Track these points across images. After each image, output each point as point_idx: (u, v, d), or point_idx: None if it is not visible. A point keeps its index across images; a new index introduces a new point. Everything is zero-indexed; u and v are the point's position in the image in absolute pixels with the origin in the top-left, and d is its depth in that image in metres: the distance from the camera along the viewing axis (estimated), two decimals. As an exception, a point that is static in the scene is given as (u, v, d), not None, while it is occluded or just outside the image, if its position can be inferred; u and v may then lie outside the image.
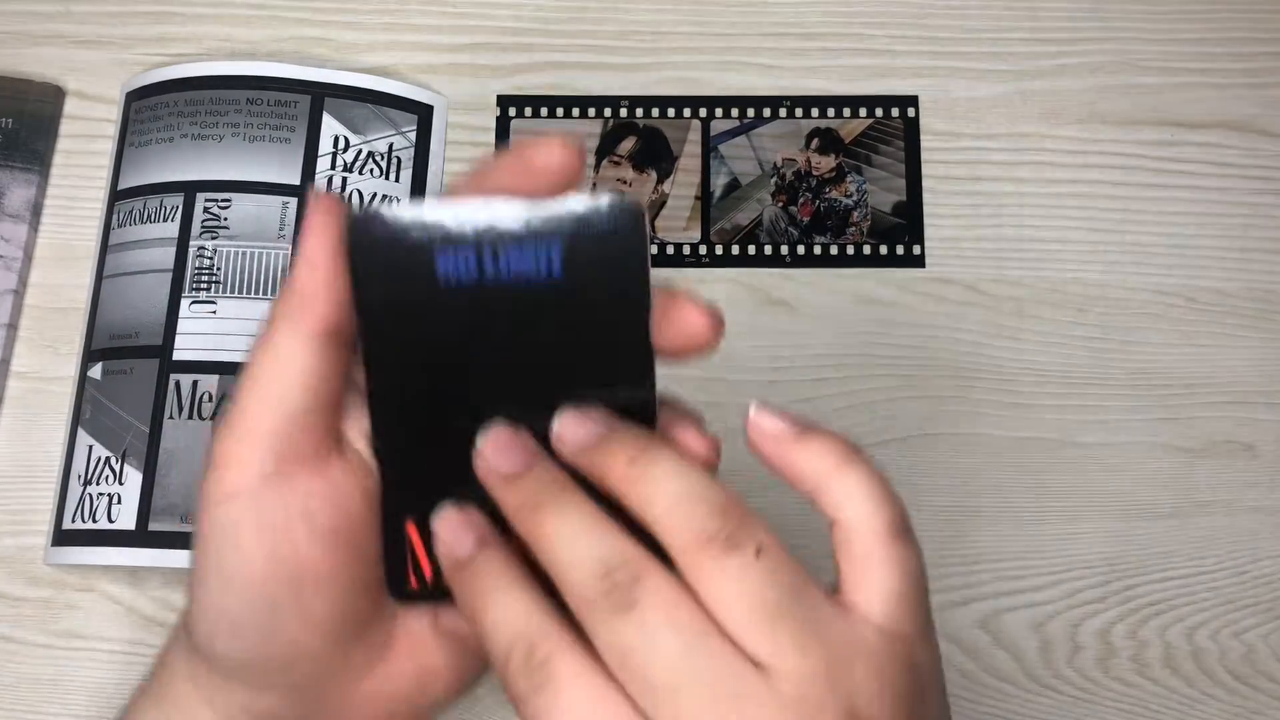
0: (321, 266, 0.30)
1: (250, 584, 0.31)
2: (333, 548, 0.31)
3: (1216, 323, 0.55)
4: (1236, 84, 0.58)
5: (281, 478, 0.31)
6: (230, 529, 0.31)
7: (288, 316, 0.31)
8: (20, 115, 0.58)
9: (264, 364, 0.31)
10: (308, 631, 0.32)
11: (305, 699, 0.33)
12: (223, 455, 0.31)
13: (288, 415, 0.31)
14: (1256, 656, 0.50)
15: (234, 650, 0.32)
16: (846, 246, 0.56)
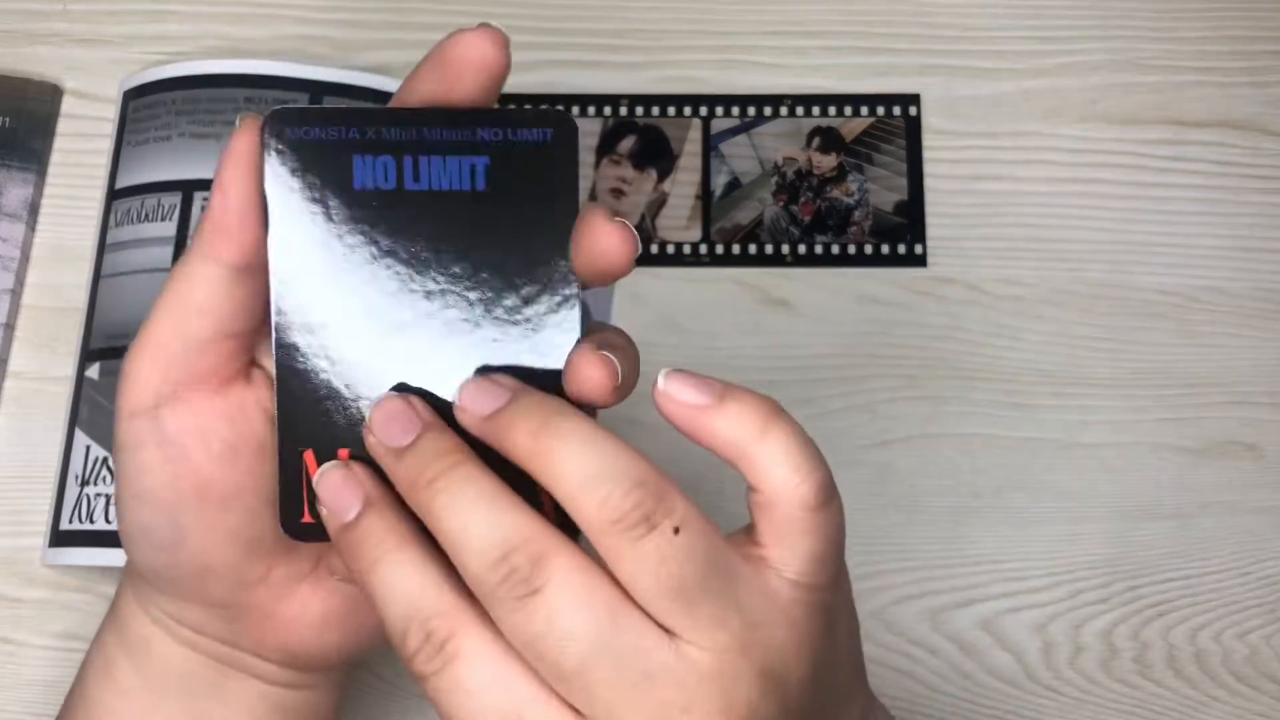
0: (236, 196, 0.30)
1: (156, 499, 0.32)
2: (232, 466, 0.32)
3: (1219, 322, 0.54)
4: (1239, 83, 0.58)
5: (179, 400, 0.31)
6: (135, 445, 0.32)
7: (201, 244, 0.31)
8: (17, 114, 0.57)
9: (174, 288, 0.31)
10: (216, 546, 0.32)
11: (228, 612, 0.34)
12: (128, 373, 0.32)
13: (188, 341, 0.31)
14: (1260, 658, 0.50)
15: (150, 561, 0.33)
16: (848, 246, 0.56)
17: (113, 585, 0.52)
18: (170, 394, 0.31)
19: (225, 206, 0.30)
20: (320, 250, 0.30)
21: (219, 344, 0.31)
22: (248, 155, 0.30)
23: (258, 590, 0.34)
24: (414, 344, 0.30)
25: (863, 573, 0.52)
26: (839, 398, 0.54)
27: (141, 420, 0.32)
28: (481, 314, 0.30)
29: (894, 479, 0.53)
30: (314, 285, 0.30)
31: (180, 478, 0.32)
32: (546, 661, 0.27)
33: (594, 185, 0.57)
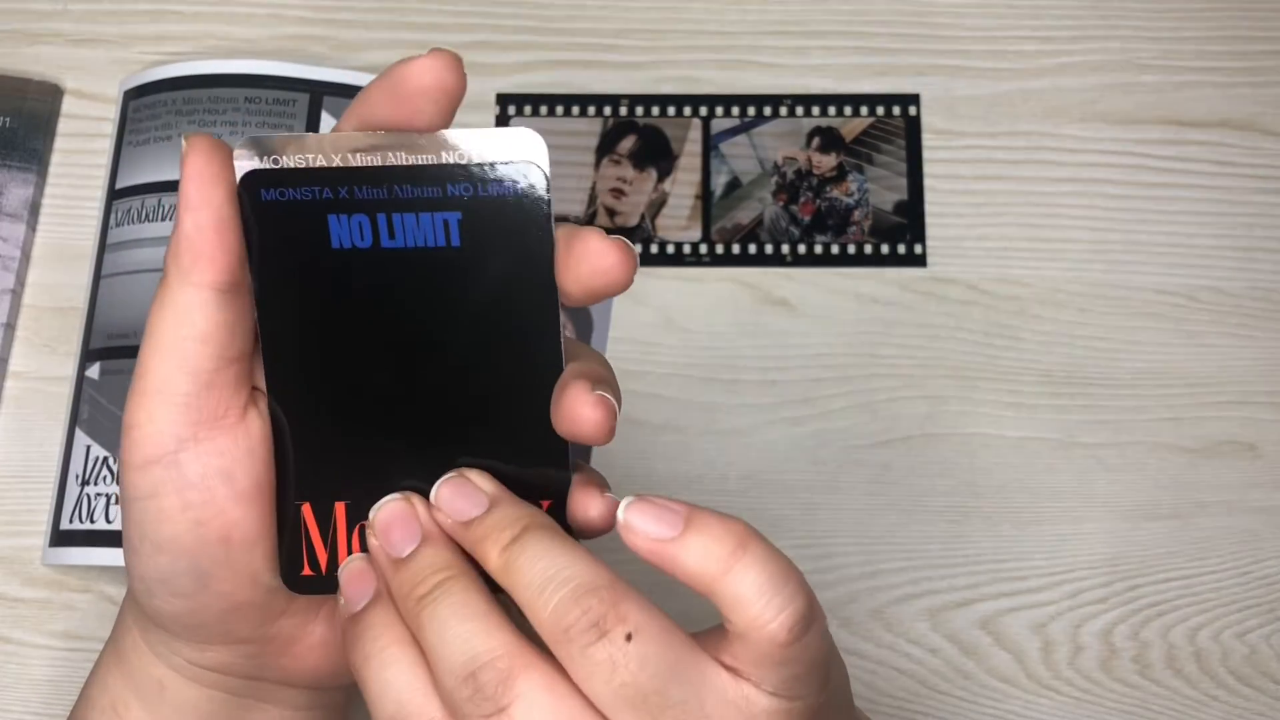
0: (207, 214, 0.29)
1: (178, 548, 0.31)
2: (257, 504, 0.31)
3: (1219, 322, 0.54)
4: (1238, 83, 0.58)
5: (197, 441, 0.30)
6: (152, 496, 0.30)
7: (181, 271, 0.29)
8: (18, 114, 0.57)
9: (164, 323, 0.30)
10: (242, 588, 0.32)
11: (252, 648, 0.33)
12: (136, 421, 0.30)
13: (195, 376, 0.30)
14: (1259, 658, 0.50)
15: (170, 610, 0.32)
16: (848, 246, 0.56)
17: (113, 585, 0.52)
18: (191, 435, 0.30)
19: (199, 225, 0.29)
20: (303, 308, 0.30)
21: (224, 372, 0.30)
22: (207, 171, 0.29)
23: (282, 622, 0.33)
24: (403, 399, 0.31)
25: (862, 572, 0.52)
26: (839, 397, 0.54)
27: (159, 468, 0.30)
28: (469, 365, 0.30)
29: (894, 479, 0.53)
30: (300, 344, 0.31)
31: (204, 523, 0.31)
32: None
33: (594, 185, 0.57)
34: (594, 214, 0.56)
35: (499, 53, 0.59)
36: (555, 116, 0.58)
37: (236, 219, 0.29)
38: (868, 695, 0.50)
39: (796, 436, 0.53)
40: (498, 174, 0.29)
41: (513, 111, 0.58)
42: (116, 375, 0.51)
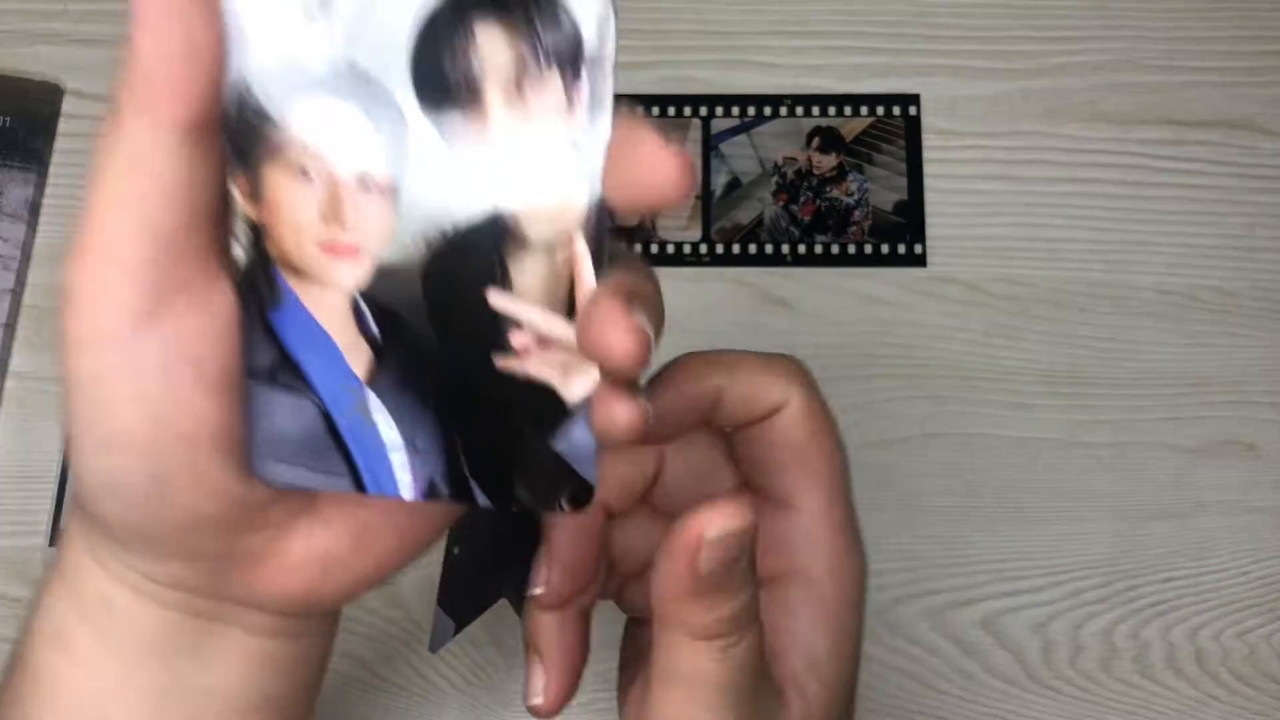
0: (176, 40, 0.23)
1: (131, 448, 0.25)
2: (228, 396, 0.25)
3: (1219, 322, 0.54)
4: (1239, 83, 0.58)
5: (157, 317, 0.24)
6: (101, 382, 0.25)
7: (138, 106, 0.24)
8: (19, 114, 0.57)
9: (117, 170, 0.24)
10: (208, 498, 0.26)
11: (215, 565, 0.28)
12: (83, 288, 0.24)
13: (159, 236, 0.24)
14: (1259, 657, 0.50)
15: (123, 519, 0.27)
16: (848, 246, 0.56)
17: (113, 585, 0.52)
18: (151, 310, 0.24)
19: (160, 52, 0.23)
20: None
21: (193, 232, 0.24)
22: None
23: (251, 536, 0.28)
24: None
25: (863, 572, 0.52)
26: (839, 397, 0.53)
27: (108, 349, 0.24)
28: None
29: (894, 479, 0.53)
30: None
31: (165, 418, 0.25)
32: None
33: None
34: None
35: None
36: (555, 116, 0.58)
37: (213, 44, 0.23)
38: (868, 695, 0.50)
39: (797, 436, 0.53)
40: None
41: (513, 111, 0.58)
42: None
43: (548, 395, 0.25)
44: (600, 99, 0.23)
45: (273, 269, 0.25)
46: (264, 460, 0.27)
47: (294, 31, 0.23)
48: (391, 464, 0.27)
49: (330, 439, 0.27)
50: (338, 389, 0.26)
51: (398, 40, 0.23)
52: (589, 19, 0.23)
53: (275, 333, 0.26)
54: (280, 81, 0.24)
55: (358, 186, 0.24)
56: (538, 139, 0.24)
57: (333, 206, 0.25)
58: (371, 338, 0.26)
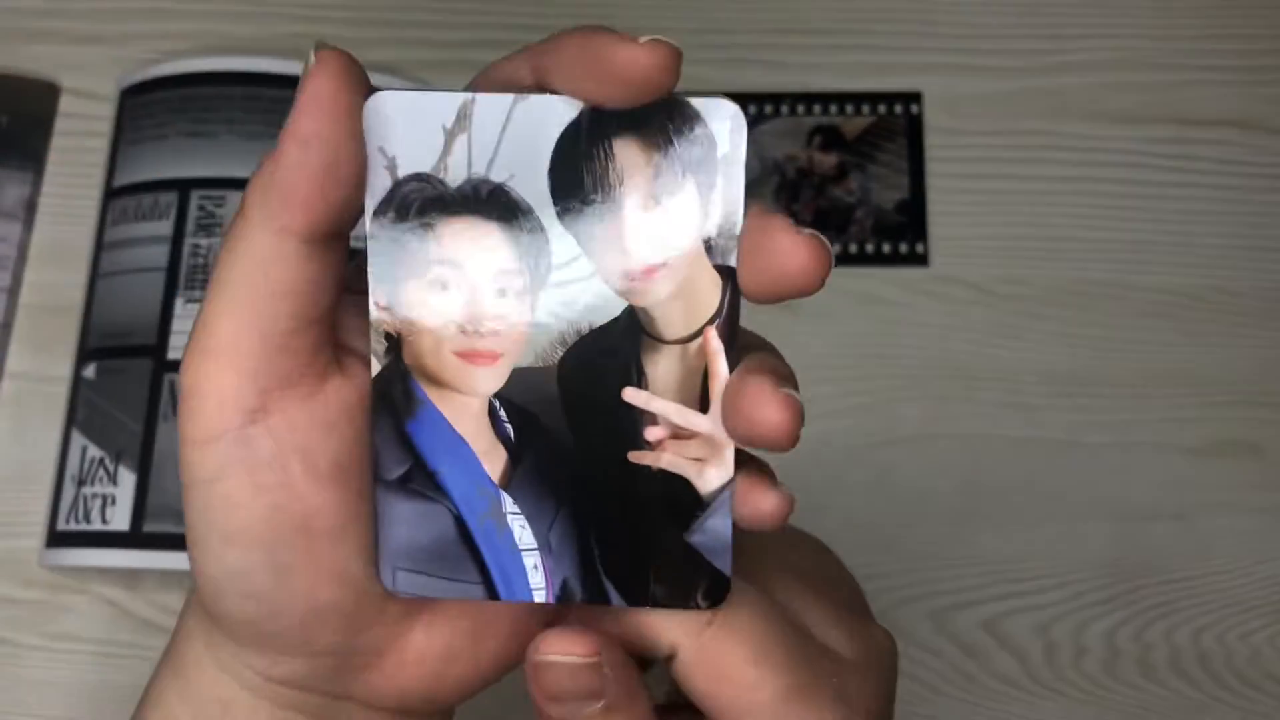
0: (319, 155, 0.24)
1: (250, 539, 0.26)
2: (342, 486, 0.26)
3: (1223, 322, 0.54)
4: (1243, 81, 0.58)
5: (267, 413, 0.25)
6: (217, 478, 0.26)
7: (267, 212, 0.25)
8: (15, 112, 0.57)
9: (237, 271, 0.25)
10: (326, 585, 0.27)
11: (335, 661, 0.28)
12: (196, 387, 0.26)
13: (271, 336, 0.25)
14: (1263, 659, 0.50)
15: (243, 612, 0.27)
16: (849, 245, 0.55)
17: (111, 586, 0.51)
18: (260, 406, 0.25)
19: (304, 164, 0.24)
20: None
21: (303, 334, 0.25)
22: (331, 100, 0.24)
23: (372, 631, 0.28)
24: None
25: (865, 574, 0.51)
26: (840, 397, 0.53)
27: (224, 445, 0.26)
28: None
29: (895, 479, 0.52)
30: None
31: (281, 509, 0.26)
32: None
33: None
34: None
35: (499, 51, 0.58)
36: (555, 115, 0.57)
37: (353, 162, 0.24)
38: (869, 697, 0.50)
39: (798, 437, 0.52)
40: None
41: (512, 110, 0.58)
42: (113, 375, 0.51)
43: (683, 488, 0.26)
44: (733, 197, 0.25)
45: (410, 380, 0.26)
46: (394, 571, 0.27)
47: (435, 150, 0.25)
48: (525, 567, 0.27)
49: (463, 545, 0.27)
50: (473, 494, 0.27)
51: (538, 157, 0.25)
52: (722, 128, 0.25)
53: (411, 442, 0.27)
54: (423, 196, 0.25)
55: (496, 295, 0.25)
56: (673, 242, 0.25)
57: (472, 316, 0.26)
58: (507, 440, 0.27)
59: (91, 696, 0.50)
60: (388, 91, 0.25)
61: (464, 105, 0.25)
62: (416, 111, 0.25)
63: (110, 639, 0.51)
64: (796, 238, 0.24)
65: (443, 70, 0.58)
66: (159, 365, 0.51)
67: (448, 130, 0.25)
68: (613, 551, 0.27)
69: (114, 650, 0.51)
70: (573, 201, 0.25)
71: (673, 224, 0.25)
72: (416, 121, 0.25)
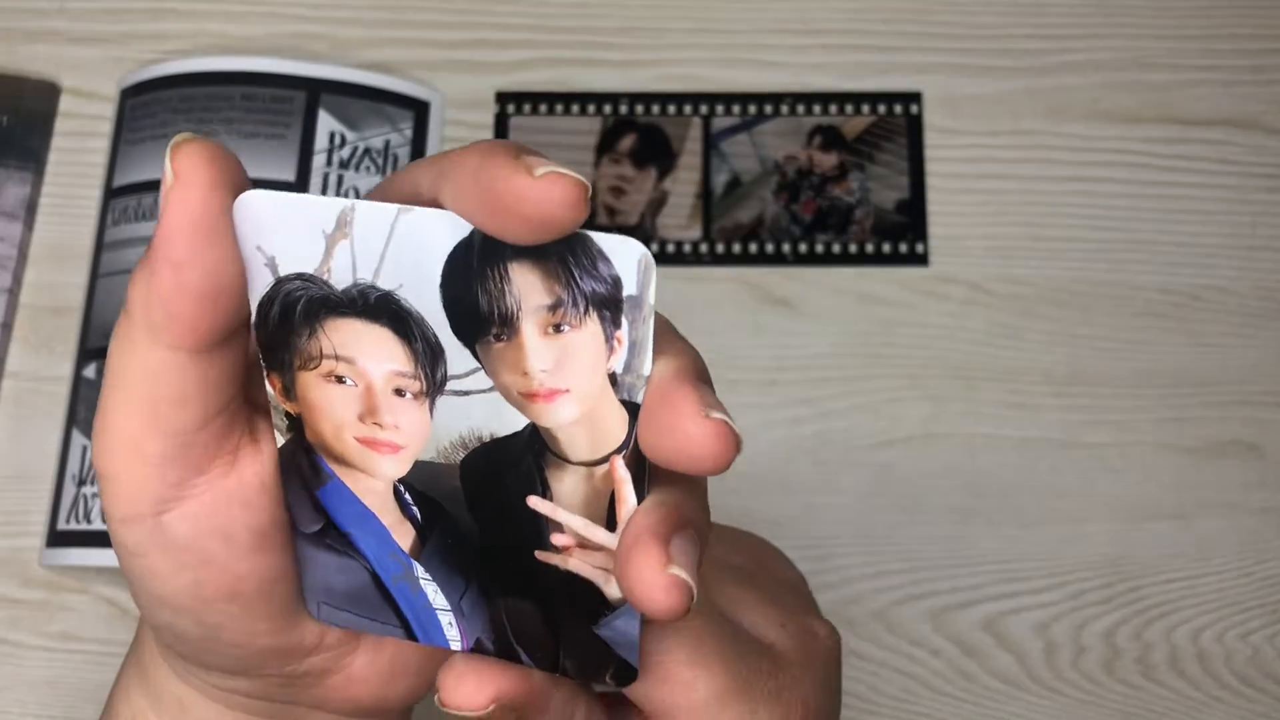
0: (197, 278, 0.23)
1: (178, 605, 0.27)
2: (266, 553, 0.27)
3: (1222, 322, 0.54)
4: (1242, 81, 0.57)
5: (180, 501, 0.25)
6: (141, 556, 0.26)
7: (153, 328, 0.24)
8: (15, 112, 0.57)
9: (133, 377, 0.24)
10: (260, 636, 0.28)
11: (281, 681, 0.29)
12: (109, 474, 0.25)
13: (172, 435, 0.25)
14: (1262, 658, 0.50)
15: (185, 651, 0.29)
16: (849, 245, 0.55)
17: (110, 586, 0.51)
18: (172, 496, 0.25)
19: (182, 286, 0.23)
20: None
21: (207, 428, 0.25)
22: (201, 214, 0.23)
23: (314, 659, 0.29)
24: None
25: (864, 574, 0.52)
26: (840, 397, 0.53)
27: (141, 529, 0.26)
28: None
29: (895, 479, 0.52)
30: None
31: (204, 584, 0.26)
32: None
33: (594, 184, 0.56)
34: (594, 213, 0.56)
35: (498, 51, 0.59)
36: (555, 115, 0.57)
37: (236, 271, 0.23)
38: (869, 696, 0.50)
39: (797, 436, 0.52)
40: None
41: (512, 110, 0.57)
42: (114, 375, 0.51)
43: (589, 588, 0.26)
44: (640, 341, 0.23)
45: (315, 455, 0.26)
46: (319, 604, 0.28)
47: (316, 253, 0.24)
48: (440, 623, 0.28)
49: (380, 596, 0.28)
50: (385, 558, 0.27)
51: (428, 270, 0.23)
52: (628, 269, 0.23)
53: (322, 506, 0.27)
54: (307, 296, 0.24)
55: (392, 394, 0.25)
56: (575, 372, 0.24)
57: (370, 409, 0.25)
58: (414, 520, 0.27)
59: (92, 696, 0.50)
60: (258, 192, 0.23)
61: (344, 212, 0.23)
62: (293, 214, 0.23)
63: (111, 639, 0.51)
64: (702, 424, 0.22)
65: (443, 70, 0.58)
66: (159, 365, 0.51)
67: (328, 235, 0.23)
68: (523, 626, 0.27)
69: (114, 650, 0.51)
70: (466, 320, 0.24)
71: (574, 355, 0.24)
72: (293, 224, 0.23)
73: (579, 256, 0.23)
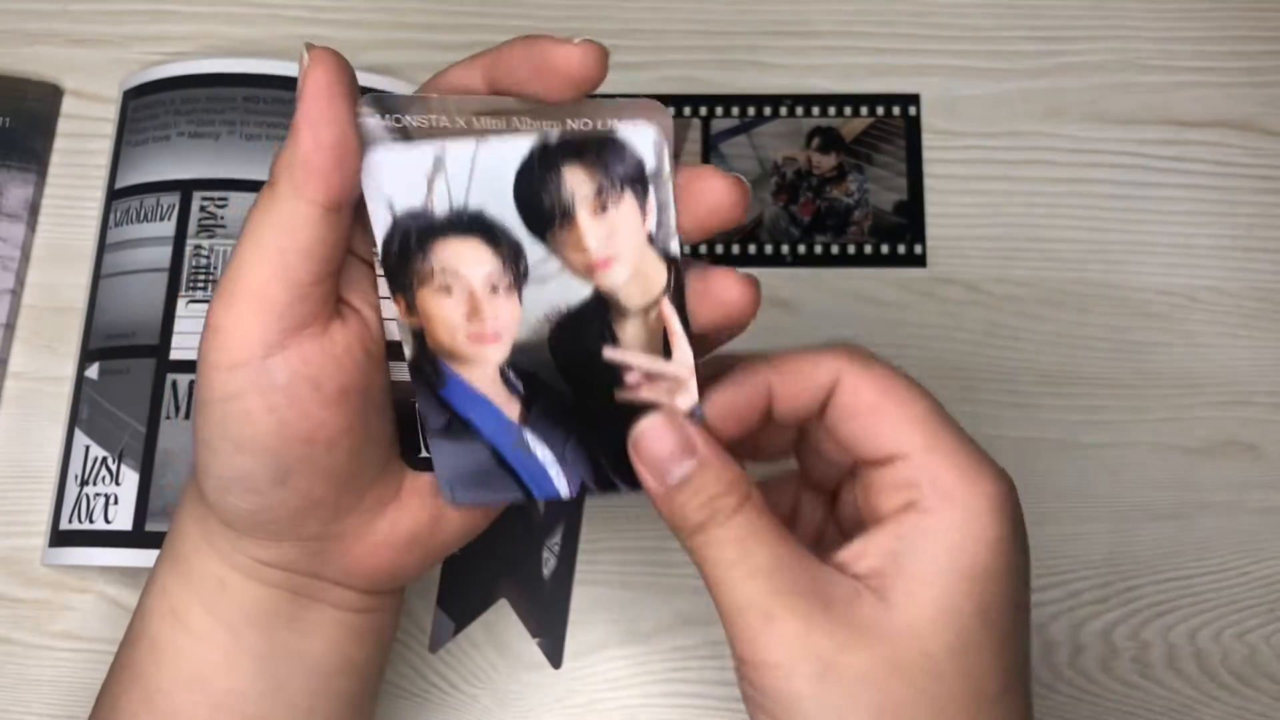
0: (328, 133, 0.29)
1: (261, 449, 0.31)
2: (342, 408, 0.32)
3: (1219, 322, 0.54)
4: (1238, 83, 0.58)
5: (284, 348, 0.31)
6: (236, 399, 0.31)
7: (294, 184, 0.30)
8: (18, 114, 0.57)
9: (269, 230, 0.30)
10: (321, 485, 0.33)
11: (317, 544, 0.34)
12: (225, 323, 0.31)
13: (293, 286, 0.30)
14: (1259, 658, 0.50)
15: (246, 505, 0.33)
16: (847, 246, 0.56)
17: (113, 585, 0.52)
18: (279, 343, 0.31)
19: (319, 143, 0.29)
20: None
21: (319, 286, 0.31)
22: (329, 89, 0.29)
23: (349, 519, 0.34)
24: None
25: (862, 573, 0.52)
26: (839, 398, 0.53)
27: (245, 371, 0.31)
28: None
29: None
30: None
31: (289, 424, 0.31)
32: None
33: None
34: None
35: (499, 53, 0.59)
36: (555, 116, 0.58)
37: (356, 141, 0.30)
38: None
39: (796, 437, 0.53)
40: (621, 120, 0.30)
41: (512, 111, 0.58)
42: (116, 375, 0.51)
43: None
44: (665, 203, 0.31)
45: (437, 360, 0.34)
46: (453, 488, 0.35)
47: (421, 190, 0.31)
48: (550, 475, 0.35)
49: (499, 467, 0.35)
50: (500, 431, 0.35)
51: (503, 186, 0.31)
52: (647, 149, 0.31)
53: (446, 402, 0.34)
54: (417, 227, 0.32)
55: (489, 293, 0.33)
56: (620, 239, 0.32)
57: (473, 310, 0.33)
58: (518, 393, 0.34)
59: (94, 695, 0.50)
60: (378, 151, 0.31)
61: (438, 155, 0.31)
62: (401, 164, 0.31)
63: (113, 638, 0.51)
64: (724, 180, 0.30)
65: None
66: (161, 365, 0.51)
67: (428, 176, 0.31)
68: (615, 458, 0.34)
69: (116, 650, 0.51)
70: (536, 217, 0.32)
71: (618, 226, 0.32)
72: (402, 170, 0.31)
73: (609, 150, 0.31)
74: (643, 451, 0.33)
